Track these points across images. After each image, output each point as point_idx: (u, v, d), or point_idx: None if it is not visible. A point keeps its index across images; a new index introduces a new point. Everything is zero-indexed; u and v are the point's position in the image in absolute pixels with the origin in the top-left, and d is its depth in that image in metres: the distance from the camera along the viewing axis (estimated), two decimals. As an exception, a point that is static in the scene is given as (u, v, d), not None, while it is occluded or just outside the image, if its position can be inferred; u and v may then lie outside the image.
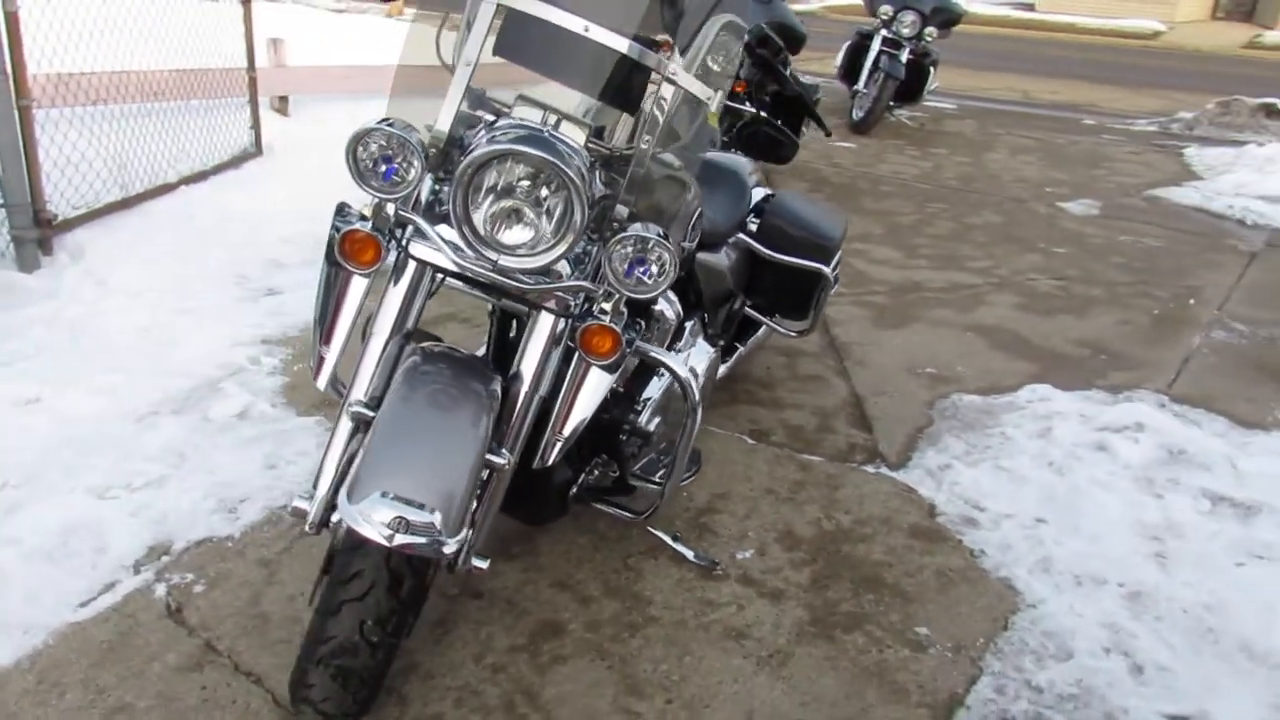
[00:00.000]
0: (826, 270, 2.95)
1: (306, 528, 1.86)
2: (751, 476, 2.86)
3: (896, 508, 2.76)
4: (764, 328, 3.22)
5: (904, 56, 8.17)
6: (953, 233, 5.64)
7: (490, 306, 2.34)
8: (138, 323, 3.59)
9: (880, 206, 6.07)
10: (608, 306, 1.88)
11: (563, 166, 1.70)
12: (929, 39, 8.34)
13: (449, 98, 1.82)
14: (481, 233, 1.77)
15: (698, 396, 2.03)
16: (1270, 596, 2.35)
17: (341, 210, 1.88)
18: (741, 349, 3.12)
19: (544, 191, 1.76)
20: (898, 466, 3.00)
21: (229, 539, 2.44)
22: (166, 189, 4.97)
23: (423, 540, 1.52)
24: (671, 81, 1.84)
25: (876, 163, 7.29)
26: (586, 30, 1.80)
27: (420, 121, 1.86)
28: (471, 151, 1.73)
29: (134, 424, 2.91)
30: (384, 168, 1.75)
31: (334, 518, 1.86)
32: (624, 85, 1.89)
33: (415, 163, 1.72)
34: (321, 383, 1.93)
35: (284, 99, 7.04)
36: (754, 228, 2.99)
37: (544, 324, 1.90)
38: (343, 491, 1.56)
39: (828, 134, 2.97)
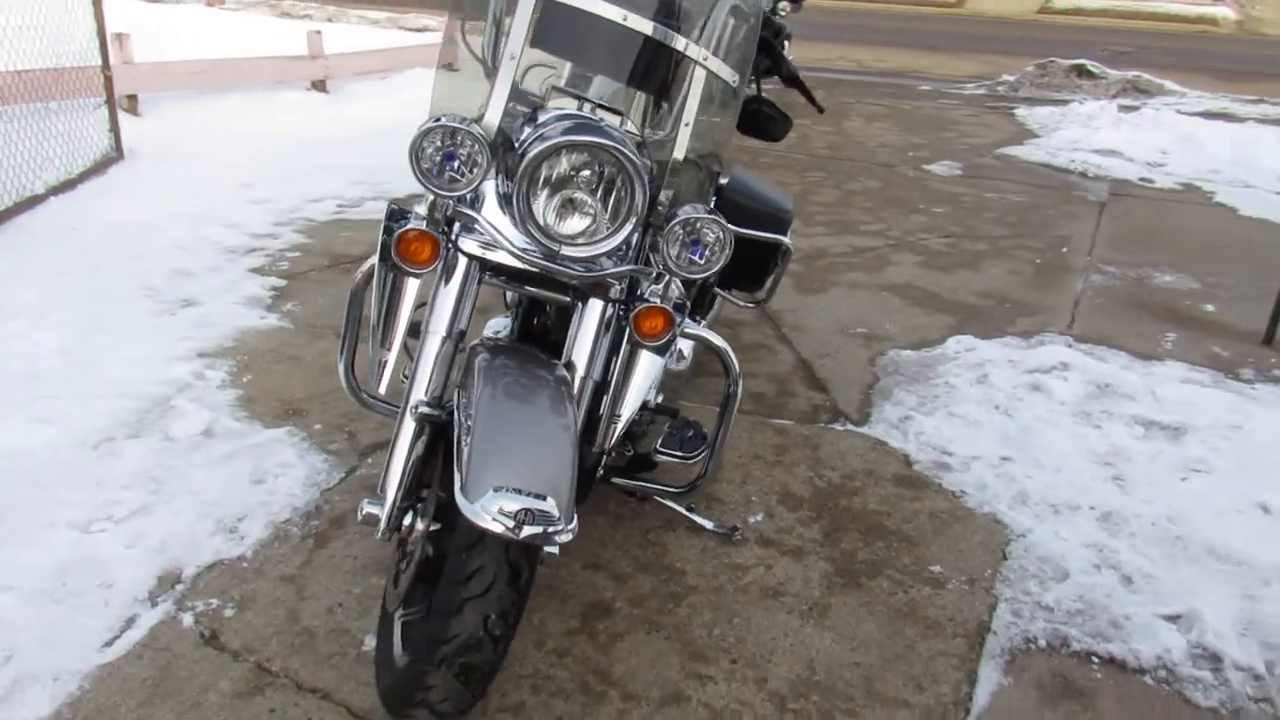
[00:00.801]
0: (787, 241, 3.07)
1: (379, 534, 1.85)
2: (735, 445, 2.97)
3: (875, 460, 2.93)
4: (719, 300, 3.32)
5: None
6: (838, 199, 5.91)
7: (511, 298, 2.35)
8: (51, 346, 3.36)
9: (765, 178, 6.27)
10: (658, 288, 1.93)
11: (627, 153, 1.74)
12: (783, 13, 8.63)
13: (495, 93, 1.82)
14: (542, 224, 1.78)
15: (738, 368, 2.12)
16: (1217, 503, 2.65)
17: (394, 214, 1.85)
18: (703, 322, 3.22)
19: (599, 180, 1.79)
20: (862, 423, 3.18)
21: (241, 559, 2.35)
22: (36, 200, 4.63)
23: (545, 529, 1.54)
24: (703, 66, 1.90)
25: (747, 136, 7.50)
26: (625, 19, 1.84)
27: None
28: (529, 146, 1.74)
29: (91, 451, 2.75)
30: (445, 166, 1.74)
31: (405, 520, 1.86)
32: (655, 71, 1.95)
33: (481, 159, 1.72)
34: (383, 387, 1.90)
35: (133, 98, 6.62)
36: (711, 203, 3.08)
37: (593, 311, 1.93)
38: (458, 493, 1.55)
39: (820, 110, 3.09)
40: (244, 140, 6.45)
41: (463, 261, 1.87)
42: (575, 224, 1.82)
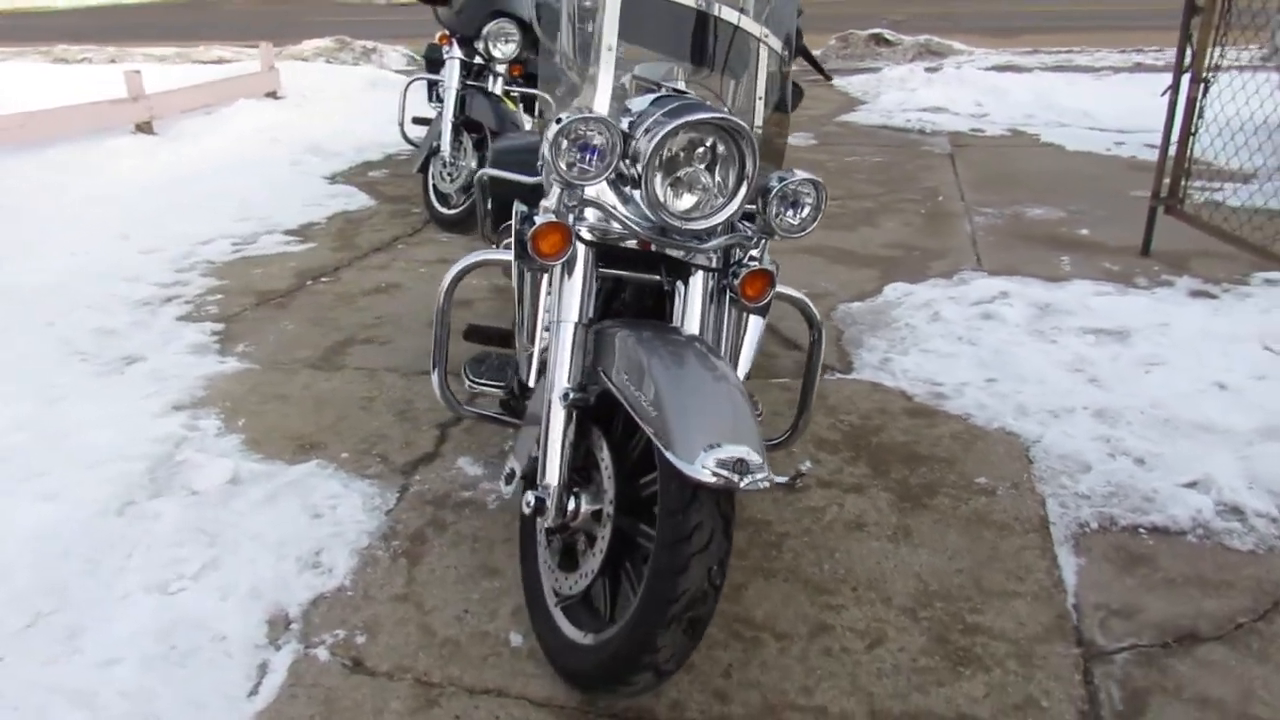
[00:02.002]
0: None
1: (550, 520, 1.90)
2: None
3: (881, 400, 3.17)
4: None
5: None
6: (720, 179, 6.17)
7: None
8: (8, 422, 3.13)
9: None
10: (756, 252, 2.07)
11: (742, 126, 1.87)
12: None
13: (600, 84, 1.92)
14: (662, 200, 1.88)
15: (819, 318, 2.29)
16: (1182, 388, 3.05)
17: (524, 216, 1.91)
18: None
19: (710, 154, 1.90)
20: (848, 370, 3.41)
21: (343, 590, 2.32)
22: (-95, 279, 4.22)
23: (756, 476, 1.65)
24: (764, 42, 2.06)
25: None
26: (705, 5, 1.98)
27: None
28: (653, 129, 1.83)
29: (118, 518, 2.60)
30: (580, 155, 1.81)
31: (570, 505, 1.93)
32: (720, 50, 2.09)
33: (618, 145, 1.80)
34: (532, 379, 1.95)
35: (-48, 161, 6.06)
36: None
37: (698, 283, 2.04)
38: (671, 458, 1.64)
39: (829, 79, 3.27)
40: (92, 192, 6.04)
41: (581, 250, 1.94)
42: (687, 200, 1.93)
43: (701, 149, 1.89)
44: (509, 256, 2.24)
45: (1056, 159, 6.47)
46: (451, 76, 5.09)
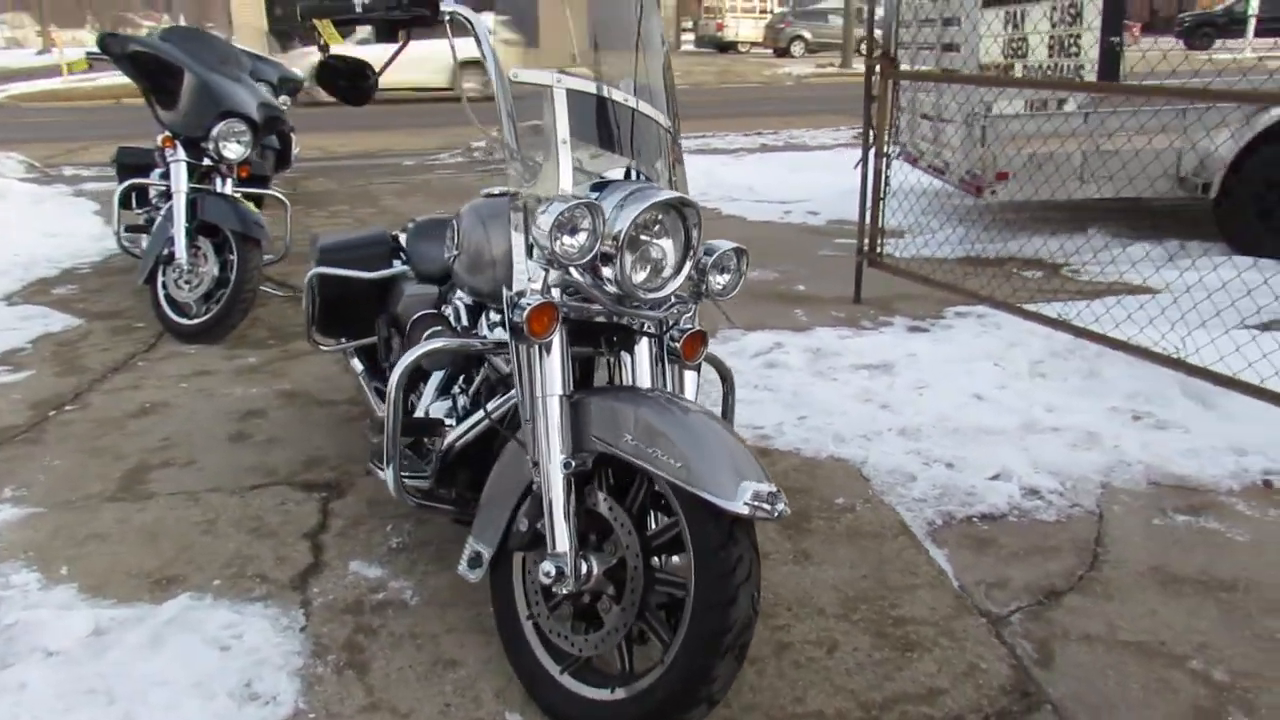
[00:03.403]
0: None
1: (570, 588, 1.97)
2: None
3: (719, 447, 3.47)
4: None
5: (267, 128, 8.35)
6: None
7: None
8: None
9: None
10: (690, 315, 2.29)
11: (693, 203, 2.10)
12: (284, 107, 8.63)
13: (562, 174, 2.06)
14: (628, 275, 2.06)
15: (730, 371, 2.55)
16: (951, 403, 3.67)
17: (512, 302, 1.98)
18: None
19: (661, 230, 2.11)
20: (673, 427, 3.69)
21: (300, 714, 2.17)
22: None
23: (779, 505, 1.85)
24: (669, 132, 2.33)
25: (311, 225, 7.47)
26: (622, 99, 2.21)
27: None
28: (621, 213, 2.00)
29: (-30, 699, 2.22)
30: (568, 238, 1.94)
31: (583, 569, 2.00)
32: (634, 137, 2.32)
33: (601, 228, 1.96)
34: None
35: None
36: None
37: (644, 348, 2.23)
38: (712, 499, 1.79)
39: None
40: None
41: (558, 327, 2.05)
42: (642, 273, 2.12)
43: (657, 226, 2.10)
44: (458, 343, 2.31)
45: (744, 229, 7.28)
46: (179, 180, 4.81)
